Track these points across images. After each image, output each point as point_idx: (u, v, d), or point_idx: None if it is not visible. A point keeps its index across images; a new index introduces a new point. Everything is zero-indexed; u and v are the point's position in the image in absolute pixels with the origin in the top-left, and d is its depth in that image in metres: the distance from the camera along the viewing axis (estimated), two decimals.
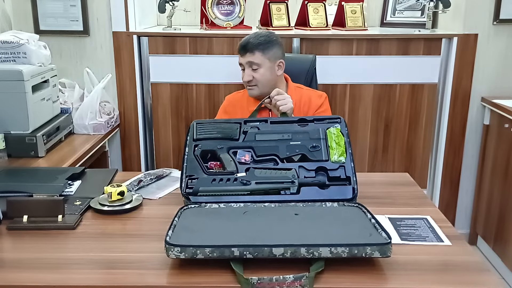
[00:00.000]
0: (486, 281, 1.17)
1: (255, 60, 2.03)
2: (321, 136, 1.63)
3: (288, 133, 1.64)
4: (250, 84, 2.06)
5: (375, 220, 1.31)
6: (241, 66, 2.08)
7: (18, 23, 2.65)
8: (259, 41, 2.04)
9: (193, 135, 1.66)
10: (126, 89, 2.73)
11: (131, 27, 2.66)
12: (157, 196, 1.62)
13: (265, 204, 1.45)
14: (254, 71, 2.04)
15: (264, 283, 1.10)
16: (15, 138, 2.04)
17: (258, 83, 2.05)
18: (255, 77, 2.04)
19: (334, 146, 1.59)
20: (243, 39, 2.08)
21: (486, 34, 2.73)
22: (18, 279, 1.17)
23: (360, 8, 2.82)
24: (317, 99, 2.13)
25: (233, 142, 1.64)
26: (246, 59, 2.04)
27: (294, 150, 1.60)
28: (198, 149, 1.63)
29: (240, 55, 2.07)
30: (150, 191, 1.66)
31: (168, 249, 1.16)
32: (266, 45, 2.04)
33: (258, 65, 2.04)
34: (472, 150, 2.91)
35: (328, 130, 1.63)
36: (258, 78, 2.04)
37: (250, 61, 2.03)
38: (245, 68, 2.06)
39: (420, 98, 2.76)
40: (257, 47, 2.03)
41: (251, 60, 2.03)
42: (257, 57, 2.03)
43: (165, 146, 2.81)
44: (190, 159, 1.61)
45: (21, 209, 1.42)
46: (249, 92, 2.10)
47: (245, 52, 2.04)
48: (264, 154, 1.60)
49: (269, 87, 2.05)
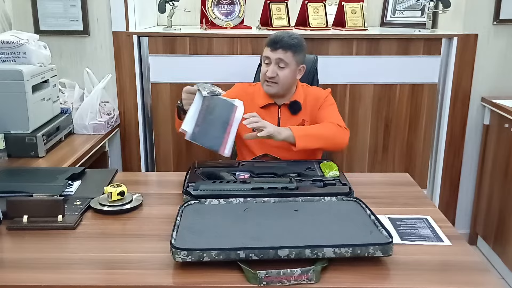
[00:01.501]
0: (486, 281, 1.17)
1: (285, 59, 1.99)
2: (314, 164, 1.82)
3: (284, 162, 1.84)
4: (272, 80, 2.02)
5: (374, 217, 1.34)
6: (266, 59, 2.02)
7: (18, 23, 2.65)
8: (293, 41, 2.01)
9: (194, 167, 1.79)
10: (126, 89, 2.73)
11: (131, 27, 2.66)
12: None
13: (265, 200, 1.47)
14: (280, 69, 2.01)
15: (272, 276, 1.12)
16: (15, 138, 2.04)
17: (280, 81, 2.02)
18: (278, 75, 2.00)
19: (327, 171, 1.73)
20: (276, 34, 2.03)
21: (486, 34, 2.73)
22: (18, 279, 1.17)
23: (360, 8, 2.82)
24: (320, 94, 2.13)
25: (233, 168, 1.78)
26: (277, 55, 2.00)
27: (290, 170, 1.75)
28: (199, 171, 1.74)
29: (270, 49, 2.01)
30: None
31: (174, 252, 1.17)
32: (298, 47, 2.02)
33: (285, 64, 2.00)
34: (472, 150, 2.91)
35: (321, 164, 1.80)
36: (281, 77, 2.01)
37: (280, 58, 1.99)
38: (271, 64, 2.01)
39: (420, 98, 2.76)
40: (291, 47, 2.00)
41: (282, 58, 1.99)
42: (288, 56, 2.00)
43: (165, 146, 2.81)
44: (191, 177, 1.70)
45: (21, 209, 1.42)
46: (267, 88, 2.04)
47: (277, 48, 1.99)
48: (262, 172, 1.73)
49: (287, 88, 2.05)
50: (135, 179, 1.88)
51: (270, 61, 2.01)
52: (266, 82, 2.03)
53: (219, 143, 1.70)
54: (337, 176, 1.67)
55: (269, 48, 2.01)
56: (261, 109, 2.07)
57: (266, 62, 2.03)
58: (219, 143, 1.70)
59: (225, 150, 1.70)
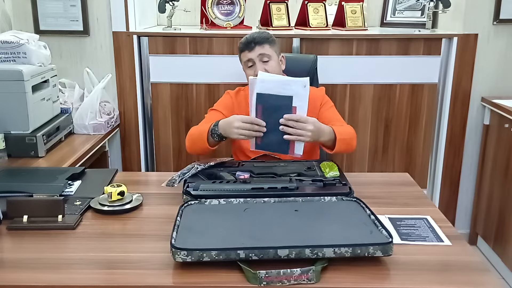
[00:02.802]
0: (486, 281, 1.17)
1: (266, 52, 2.02)
2: (314, 164, 1.80)
3: (284, 162, 1.81)
4: None
5: (374, 216, 1.34)
6: (249, 62, 2.05)
7: (18, 23, 2.65)
8: (264, 35, 2.05)
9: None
10: (126, 89, 2.73)
11: (131, 27, 2.66)
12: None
13: (265, 200, 1.47)
14: (265, 63, 2.03)
15: (272, 276, 1.12)
16: (15, 138, 2.04)
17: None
18: (267, 70, 2.01)
19: (327, 171, 1.71)
20: (246, 37, 2.06)
21: (486, 34, 2.73)
22: (18, 279, 1.17)
23: (360, 8, 2.82)
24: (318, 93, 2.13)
25: (233, 168, 1.76)
26: (256, 52, 2.02)
27: (291, 170, 1.73)
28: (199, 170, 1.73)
29: (248, 50, 2.03)
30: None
31: (174, 252, 1.17)
32: (271, 39, 2.07)
33: (268, 57, 2.03)
34: (472, 150, 2.91)
35: (321, 164, 1.78)
36: (270, 71, 2.01)
37: (262, 53, 2.02)
38: (256, 63, 2.03)
39: (420, 98, 2.76)
40: (265, 40, 2.04)
41: (263, 52, 2.02)
42: (267, 49, 2.03)
43: (165, 146, 2.81)
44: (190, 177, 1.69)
45: (21, 209, 1.42)
46: None
47: (253, 46, 2.02)
48: (262, 172, 1.71)
49: None
50: (135, 179, 1.88)
51: (253, 61, 2.04)
52: None
53: (286, 148, 1.72)
54: (337, 176, 1.67)
55: (246, 51, 2.05)
56: None
57: (250, 65, 2.05)
58: (286, 148, 1.72)
59: (295, 151, 1.72)
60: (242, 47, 2.07)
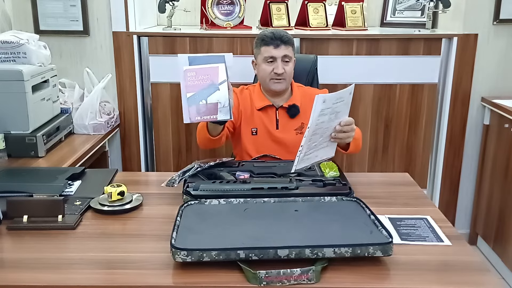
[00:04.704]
0: (486, 281, 1.17)
1: (289, 54, 2.02)
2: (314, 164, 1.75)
3: (284, 162, 1.82)
4: (281, 77, 2.02)
5: (374, 216, 1.34)
6: (269, 58, 2.02)
7: (18, 23, 2.65)
8: (290, 36, 2.05)
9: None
10: (126, 89, 2.73)
11: (131, 27, 2.66)
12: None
13: (265, 200, 1.47)
14: (286, 63, 2.02)
15: (272, 276, 1.13)
16: (15, 138, 2.04)
17: (287, 77, 2.04)
18: (286, 71, 2.02)
19: (327, 171, 1.71)
20: (272, 32, 2.03)
21: (486, 34, 2.73)
22: (18, 279, 1.17)
23: (360, 8, 2.82)
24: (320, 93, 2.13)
25: (233, 168, 1.77)
26: (283, 51, 2.01)
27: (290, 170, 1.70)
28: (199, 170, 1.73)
29: (273, 47, 2.01)
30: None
31: (174, 252, 1.17)
32: (293, 42, 2.07)
33: (290, 59, 2.03)
34: (472, 150, 2.91)
35: (321, 164, 1.76)
36: (288, 72, 2.03)
37: (286, 54, 2.01)
38: (278, 62, 2.01)
39: (420, 98, 2.76)
40: (291, 42, 2.04)
41: (287, 54, 2.02)
42: (290, 51, 2.03)
43: (165, 146, 2.81)
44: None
45: (21, 209, 1.42)
46: (276, 85, 2.03)
47: (280, 44, 2.00)
48: (262, 172, 1.72)
49: (289, 82, 2.09)
50: (135, 179, 1.88)
51: (275, 59, 2.01)
52: (274, 80, 2.03)
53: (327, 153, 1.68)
54: (337, 176, 1.67)
55: (271, 46, 2.01)
56: (259, 111, 2.07)
57: (270, 61, 2.02)
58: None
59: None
60: (267, 41, 2.02)
